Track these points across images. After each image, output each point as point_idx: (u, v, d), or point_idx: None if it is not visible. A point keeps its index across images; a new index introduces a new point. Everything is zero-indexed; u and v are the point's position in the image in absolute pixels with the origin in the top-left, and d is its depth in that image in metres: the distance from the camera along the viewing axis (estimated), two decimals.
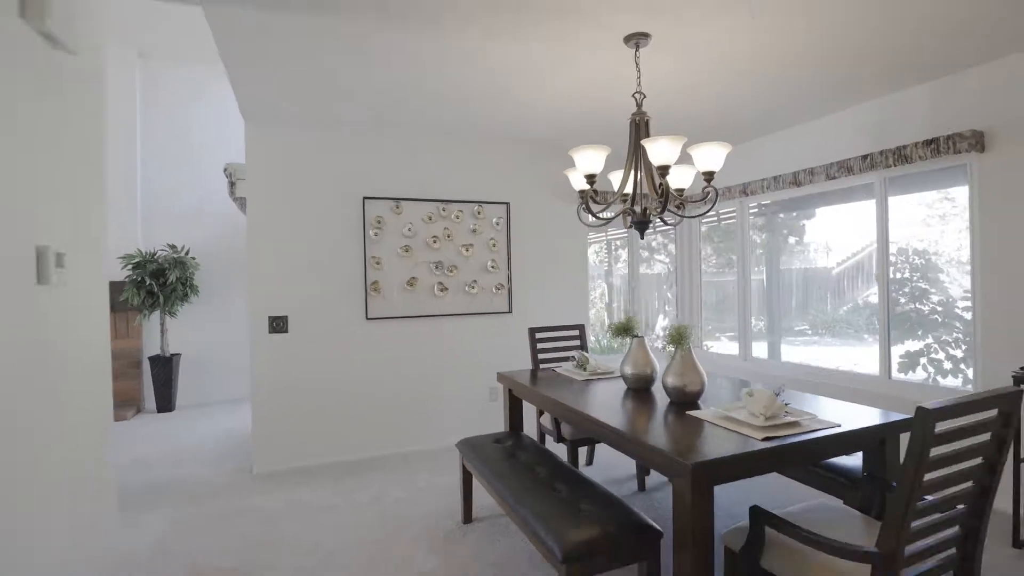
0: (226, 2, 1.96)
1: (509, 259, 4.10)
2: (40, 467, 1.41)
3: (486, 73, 2.68)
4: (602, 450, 3.69)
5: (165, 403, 5.22)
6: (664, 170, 2.03)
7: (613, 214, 2.49)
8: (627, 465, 3.42)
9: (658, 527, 1.75)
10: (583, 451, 3.60)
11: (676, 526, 1.57)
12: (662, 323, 5.10)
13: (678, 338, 2.17)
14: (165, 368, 5.21)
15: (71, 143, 1.61)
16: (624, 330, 2.52)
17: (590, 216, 2.33)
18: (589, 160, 2.16)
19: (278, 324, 3.48)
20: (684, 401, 2.16)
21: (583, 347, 3.51)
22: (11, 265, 1.28)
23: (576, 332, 3.59)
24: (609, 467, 3.42)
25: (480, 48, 2.39)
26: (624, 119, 3.01)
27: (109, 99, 4.71)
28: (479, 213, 4.00)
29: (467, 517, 2.69)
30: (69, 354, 1.60)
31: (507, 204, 4.09)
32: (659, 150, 2.01)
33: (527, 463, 2.34)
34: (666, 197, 2.08)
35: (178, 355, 5.37)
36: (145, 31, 5.00)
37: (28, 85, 1.37)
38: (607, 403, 2.27)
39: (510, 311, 4.11)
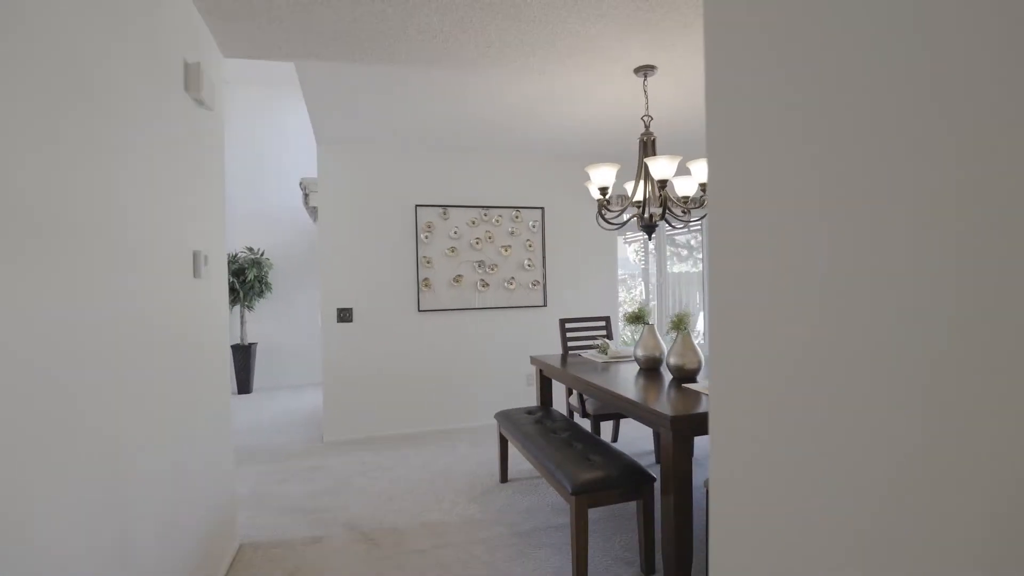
0: (312, 59, 2.51)
1: (544, 258, 4.55)
2: (194, 425, 1.97)
3: (519, 100, 3.14)
4: (626, 429, 4.09)
5: (244, 386, 5.96)
6: (663, 183, 2.44)
7: (625, 219, 2.90)
8: (648, 442, 3.81)
9: (652, 474, 2.17)
10: (609, 428, 4.01)
11: (662, 469, 1.99)
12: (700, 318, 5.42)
13: (679, 323, 2.57)
14: (244, 355, 5.95)
15: (205, 173, 2.18)
16: (636, 318, 2.93)
17: (604, 221, 2.76)
18: (602, 175, 2.59)
19: (344, 315, 4.07)
20: (683, 377, 2.55)
21: (608, 336, 3.92)
22: (179, 264, 1.84)
23: (603, 323, 4.00)
24: (633, 443, 3.82)
25: (512, 82, 2.85)
26: (637, 137, 3.41)
27: None
28: (517, 217, 4.48)
29: (503, 477, 3.17)
30: (208, 335, 2.17)
31: (542, 209, 4.54)
32: (659, 167, 2.42)
33: (552, 428, 2.79)
34: (664, 205, 2.49)
35: (255, 344, 6.11)
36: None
37: (186, 134, 1.93)
38: (621, 380, 2.69)
39: (544, 305, 4.56)
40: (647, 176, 2.70)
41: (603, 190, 2.64)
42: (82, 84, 1.20)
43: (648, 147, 2.68)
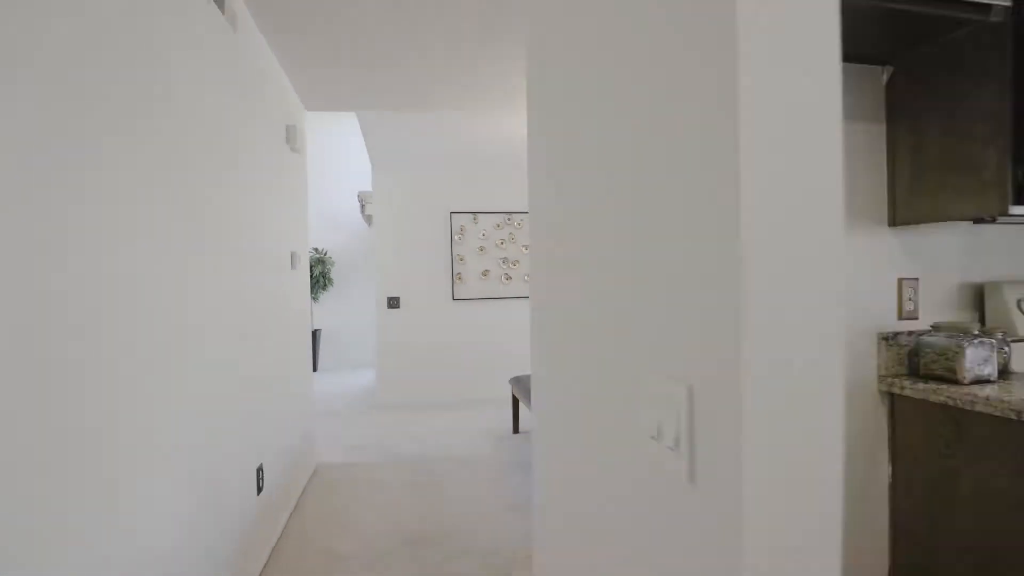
0: (369, 108, 3.40)
1: None
2: (291, 379, 2.88)
3: None
4: None
5: (312, 365, 7.01)
6: None
7: None
8: None
9: None
10: None
11: None
12: None
13: None
14: (311, 339, 7.00)
15: (296, 195, 3.09)
16: None
17: None
18: None
19: (393, 302, 4.99)
20: None
21: None
22: (282, 260, 2.75)
23: None
24: None
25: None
26: None
27: None
28: None
29: (515, 429, 3.98)
30: (299, 314, 3.08)
31: None
32: None
33: None
34: None
35: (319, 330, 7.15)
36: None
37: (286, 172, 2.84)
38: None
39: None
40: None
41: None
42: (236, 149, 2.09)
43: None
